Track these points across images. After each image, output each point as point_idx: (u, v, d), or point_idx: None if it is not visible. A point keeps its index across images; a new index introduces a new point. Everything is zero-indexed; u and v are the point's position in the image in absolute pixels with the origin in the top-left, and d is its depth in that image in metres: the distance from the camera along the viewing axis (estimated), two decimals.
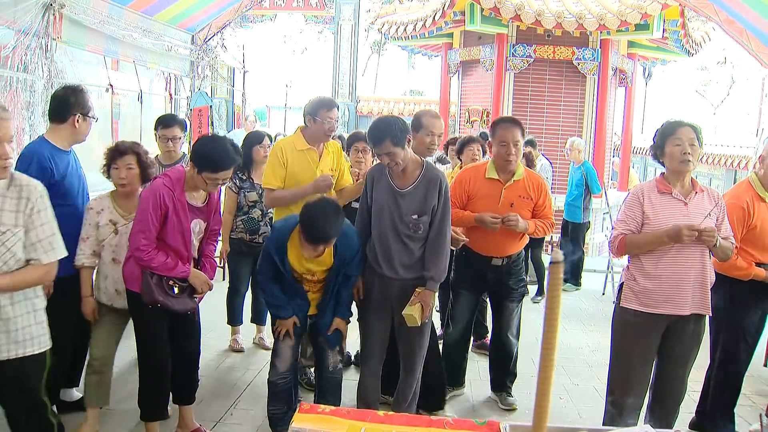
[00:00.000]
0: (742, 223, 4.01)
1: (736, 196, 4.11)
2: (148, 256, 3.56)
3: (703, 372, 5.85)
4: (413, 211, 3.81)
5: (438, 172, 3.90)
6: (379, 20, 12.37)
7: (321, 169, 4.49)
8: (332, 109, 4.47)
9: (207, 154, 3.55)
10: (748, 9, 7.89)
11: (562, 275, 0.93)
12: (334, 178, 4.58)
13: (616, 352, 3.84)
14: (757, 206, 4.04)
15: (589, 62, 10.50)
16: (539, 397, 0.92)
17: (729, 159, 14.03)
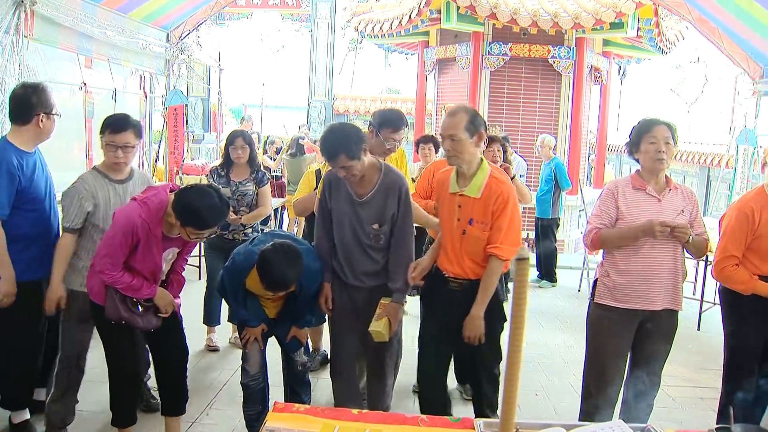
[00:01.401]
0: (745, 231, 3.73)
1: (743, 201, 3.84)
2: (112, 279, 3.43)
3: (677, 367, 5.96)
4: (373, 220, 3.69)
5: (396, 177, 3.76)
6: (356, 18, 12.37)
7: None
8: (398, 131, 4.27)
9: (194, 211, 3.32)
10: (720, 8, 7.98)
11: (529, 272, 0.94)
12: None
13: (590, 348, 3.86)
14: (765, 214, 3.71)
15: (564, 60, 10.57)
16: (507, 393, 0.93)
17: (703, 156, 14.19)
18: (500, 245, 3.46)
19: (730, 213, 3.83)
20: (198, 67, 15.61)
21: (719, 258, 3.81)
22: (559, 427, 2.33)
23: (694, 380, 5.83)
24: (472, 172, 3.52)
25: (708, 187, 14.59)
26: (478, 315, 3.51)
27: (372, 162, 3.68)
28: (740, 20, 7.97)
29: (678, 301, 3.75)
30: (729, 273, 3.76)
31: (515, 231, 3.54)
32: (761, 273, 3.73)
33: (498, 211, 3.46)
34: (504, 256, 3.47)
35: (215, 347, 5.74)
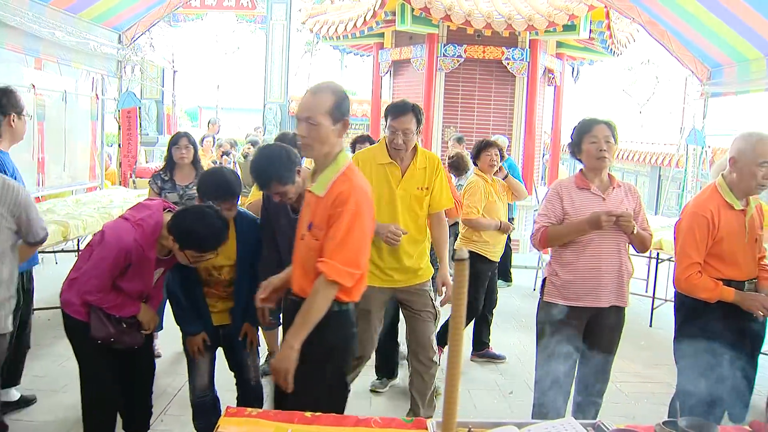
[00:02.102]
0: (705, 235, 3.59)
1: (699, 204, 3.70)
2: (97, 301, 3.32)
3: (629, 363, 6.06)
4: None
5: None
6: (311, 20, 12.33)
7: (404, 188, 4.06)
8: (398, 117, 3.93)
9: (194, 233, 3.23)
10: (668, 12, 8.14)
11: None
12: (425, 195, 4.14)
13: (541, 346, 3.90)
14: (724, 214, 3.60)
15: (518, 62, 10.67)
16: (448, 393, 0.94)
17: (654, 156, 14.45)
18: (328, 261, 2.73)
19: (688, 219, 3.69)
20: (151, 68, 15.46)
21: (683, 267, 3.66)
22: (512, 425, 2.35)
23: (645, 376, 5.93)
24: (326, 165, 2.91)
25: (659, 186, 14.87)
26: (289, 345, 2.74)
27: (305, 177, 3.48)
28: (688, 23, 8.14)
29: (624, 298, 3.81)
30: (695, 282, 3.61)
31: (353, 247, 2.78)
32: (724, 277, 3.62)
33: (334, 217, 2.77)
34: (330, 275, 2.72)
35: (157, 354, 5.57)
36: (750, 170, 3.53)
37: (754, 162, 3.50)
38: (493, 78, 10.85)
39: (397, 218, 4.04)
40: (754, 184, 3.56)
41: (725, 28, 7.62)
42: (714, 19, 7.53)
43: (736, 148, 3.60)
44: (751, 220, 3.67)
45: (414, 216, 4.12)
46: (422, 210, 4.15)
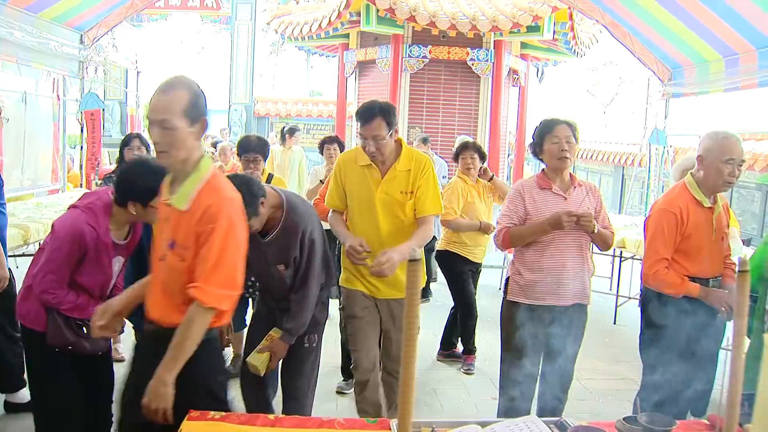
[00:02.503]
0: (674, 232, 3.64)
1: (669, 201, 3.74)
2: (56, 300, 3.17)
3: (594, 360, 6.13)
4: (278, 261, 3.52)
5: (299, 219, 3.47)
6: (276, 20, 12.27)
7: (385, 192, 3.75)
8: (366, 125, 3.64)
9: (145, 182, 3.05)
10: (630, 13, 8.24)
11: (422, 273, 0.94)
12: (409, 199, 3.77)
13: (505, 345, 3.93)
14: (693, 211, 3.66)
15: (483, 63, 10.72)
16: (403, 394, 0.94)
17: (617, 156, 14.62)
18: (203, 286, 2.46)
19: (657, 215, 3.73)
20: (114, 69, 15.27)
21: (651, 262, 3.70)
22: (475, 424, 2.36)
23: (610, 372, 6.00)
24: (186, 174, 2.56)
25: (623, 186, 15.05)
26: (162, 381, 2.46)
27: (273, 203, 3.44)
28: (649, 25, 8.25)
29: (587, 296, 3.86)
30: (662, 277, 3.66)
31: (229, 267, 2.52)
32: (689, 273, 3.67)
33: (204, 235, 2.48)
34: (208, 302, 2.47)
35: (121, 358, 5.48)
36: (717, 167, 3.57)
37: (720, 159, 3.55)
38: (458, 78, 10.90)
39: (378, 223, 3.75)
40: (721, 181, 3.60)
41: (685, 30, 7.73)
42: (674, 21, 7.64)
43: (703, 146, 3.65)
44: (719, 217, 3.71)
45: (396, 222, 3.76)
46: (407, 215, 3.76)
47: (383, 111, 3.62)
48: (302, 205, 3.61)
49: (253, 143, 5.04)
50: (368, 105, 3.67)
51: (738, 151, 3.58)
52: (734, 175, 3.60)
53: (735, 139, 3.59)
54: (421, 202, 3.77)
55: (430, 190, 3.79)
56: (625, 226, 8.05)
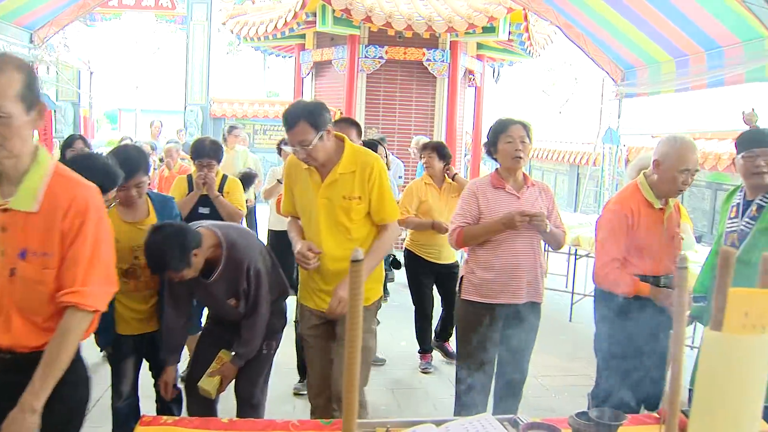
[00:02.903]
0: (625, 232, 3.62)
1: (620, 202, 3.72)
2: None
3: (550, 357, 6.19)
4: (228, 296, 3.47)
5: (239, 255, 3.37)
6: (231, 21, 12.18)
7: (326, 196, 3.37)
8: (289, 131, 3.26)
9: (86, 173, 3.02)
10: (584, 15, 8.36)
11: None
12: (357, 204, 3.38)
13: (460, 343, 3.96)
14: (644, 213, 3.64)
15: (439, 63, 10.77)
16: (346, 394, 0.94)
17: (572, 155, 14.79)
18: (81, 288, 2.17)
19: (608, 216, 3.72)
20: (67, 70, 15.01)
21: (602, 262, 3.68)
22: (430, 423, 2.37)
23: (566, 369, 6.07)
24: (23, 170, 2.16)
25: (578, 185, 15.23)
26: (31, 408, 2.08)
27: (211, 243, 3.34)
28: (602, 26, 8.38)
29: (540, 294, 3.89)
30: (613, 278, 3.62)
31: (105, 262, 2.27)
32: (640, 272, 3.66)
33: (72, 232, 2.18)
34: (89, 304, 2.18)
35: None
36: (671, 175, 3.55)
37: (675, 167, 3.52)
38: (414, 79, 10.94)
39: (320, 232, 3.39)
40: (674, 188, 3.60)
41: (636, 32, 7.88)
42: (626, 23, 7.78)
43: (661, 151, 3.60)
44: (670, 218, 3.72)
45: (342, 230, 3.38)
46: (354, 222, 3.37)
47: (307, 113, 3.21)
48: (241, 238, 3.49)
49: (207, 148, 4.98)
50: (291, 108, 3.29)
51: (694, 161, 3.56)
52: (687, 184, 3.60)
53: (692, 147, 3.57)
54: (377, 209, 3.40)
55: (385, 193, 3.40)
56: (580, 225, 8.16)
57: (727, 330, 1.03)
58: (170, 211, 3.76)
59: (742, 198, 3.65)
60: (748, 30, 6.47)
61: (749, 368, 1.08)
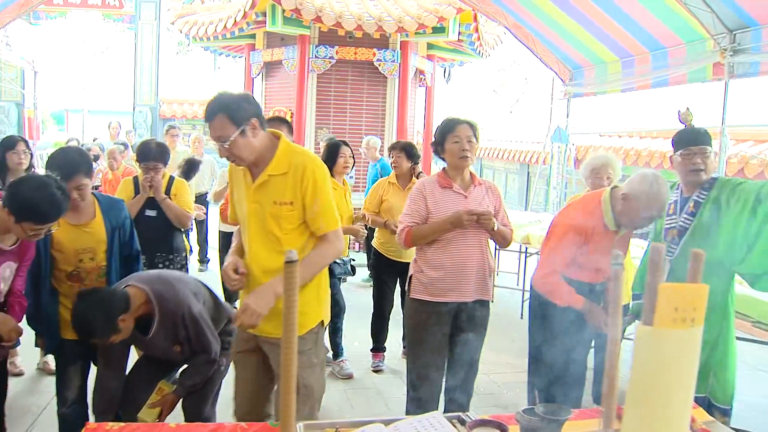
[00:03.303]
0: (573, 244, 3.64)
1: (578, 218, 3.71)
2: None
3: (502, 355, 6.25)
4: (172, 344, 3.44)
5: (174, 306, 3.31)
6: (180, 20, 12.04)
7: (257, 201, 2.97)
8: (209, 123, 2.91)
9: (30, 203, 2.92)
10: (532, 16, 8.47)
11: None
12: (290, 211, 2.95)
13: (410, 342, 3.97)
14: (597, 232, 3.65)
15: (389, 63, 10.80)
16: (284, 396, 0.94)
17: (523, 154, 14.96)
18: None
19: (564, 228, 3.71)
20: (10, 69, 14.67)
21: (544, 272, 3.73)
22: (379, 423, 2.38)
23: (517, 366, 6.11)
24: None
25: (528, 183, 15.40)
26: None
27: (140, 301, 3.25)
28: (550, 27, 8.50)
29: (488, 292, 3.91)
30: (551, 288, 3.67)
31: None
32: (579, 279, 3.70)
33: None
34: None
35: (19, 372, 5.29)
36: (635, 215, 3.53)
37: (641, 212, 3.50)
38: (365, 79, 10.96)
39: (250, 242, 3.03)
40: (632, 226, 3.65)
41: (584, 32, 8.01)
42: (573, 23, 7.90)
43: (633, 189, 3.52)
44: (622, 238, 3.78)
45: (272, 240, 2.96)
46: (285, 231, 2.95)
47: (224, 106, 2.86)
48: (169, 290, 3.36)
49: (153, 151, 4.95)
50: (210, 100, 2.93)
51: (660, 207, 3.51)
52: (646, 227, 3.69)
53: (664, 193, 3.48)
54: (311, 216, 2.96)
55: (320, 198, 2.95)
56: (530, 223, 8.26)
57: (659, 324, 1.06)
58: (118, 214, 3.71)
59: (680, 195, 3.73)
60: (690, 32, 6.64)
61: (680, 360, 1.11)
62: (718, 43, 6.23)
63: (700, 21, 6.19)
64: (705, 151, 3.61)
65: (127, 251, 3.75)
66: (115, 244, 3.61)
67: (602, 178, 4.91)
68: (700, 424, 2.43)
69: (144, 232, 4.45)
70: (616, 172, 4.97)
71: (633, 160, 10.72)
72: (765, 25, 5.81)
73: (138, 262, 3.87)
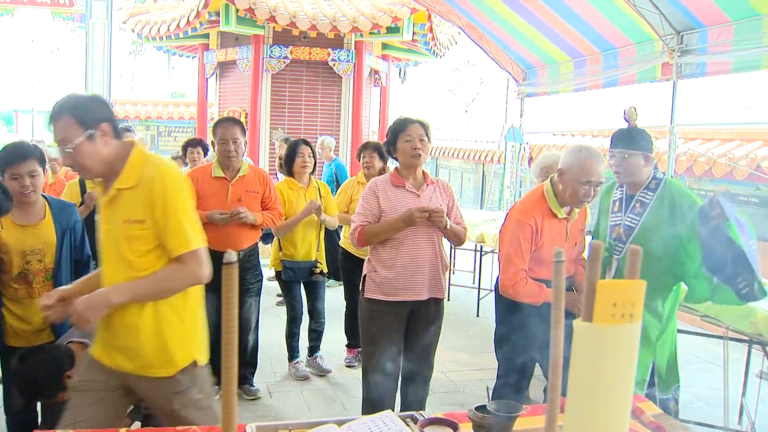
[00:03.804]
0: (529, 243, 3.62)
1: (524, 211, 3.69)
2: None
3: (458, 353, 6.30)
4: None
5: None
6: (132, 19, 11.91)
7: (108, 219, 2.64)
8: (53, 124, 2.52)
9: None
10: (485, 16, 8.52)
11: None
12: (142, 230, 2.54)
13: (365, 342, 3.96)
14: (548, 223, 3.65)
15: (344, 63, 10.80)
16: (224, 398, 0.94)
17: (478, 153, 15.07)
18: None
19: (513, 226, 3.69)
20: None
21: (509, 274, 3.65)
22: (332, 423, 2.37)
23: (473, 363, 6.17)
24: None
25: (483, 182, 15.53)
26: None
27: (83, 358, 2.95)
28: (503, 28, 8.56)
29: (442, 290, 3.93)
30: (521, 289, 3.62)
31: None
32: (541, 278, 3.66)
33: None
34: None
35: None
36: (574, 186, 3.55)
37: (578, 179, 3.52)
38: (319, 79, 10.94)
39: (102, 265, 2.68)
40: (576, 200, 3.61)
41: (536, 32, 8.08)
42: (525, 24, 7.97)
43: (565, 162, 3.59)
44: (573, 226, 3.77)
45: (124, 264, 2.57)
46: (138, 254, 2.55)
47: (73, 106, 2.51)
48: None
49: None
50: (58, 101, 2.55)
51: (597, 173, 3.53)
52: (589, 196, 3.58)
53: (597, 160, 3.54)
54: (163, 235, 2.54)
55: (171, 216, 2.52)
56: (485, 221, 8.32)
57: (597, 320, 1.08)
58: (69, 216, 3.64)
59: (624, 193, 3.79)
60: (639, 33, 6.74)
61: (619, 356, 1.13)
62: (666, 44, 6.33)
63: (649, 22, 6.28)
64: (622, 154, 3.65)
65: (78, 256, 3.69)
66: (65, 247, 3.55)
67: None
68: (649, 417, 2.46)
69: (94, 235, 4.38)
70: None
71: None
72: (711, 27, 5.93)
73: (89, 268, 3.81)
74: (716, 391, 4.99)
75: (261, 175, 5.02)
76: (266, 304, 7.42)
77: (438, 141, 17.70)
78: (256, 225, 4.86)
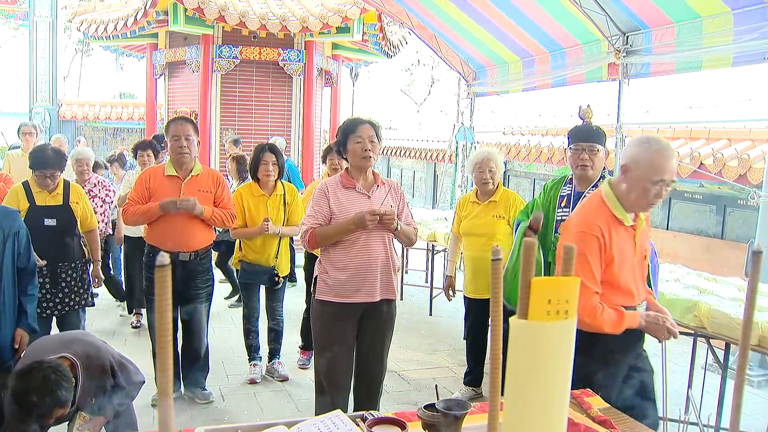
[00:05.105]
0: (599, 258, 2.89)
1: (586, 222, 2.93)
2: None
3: (412, 352, 6.32)
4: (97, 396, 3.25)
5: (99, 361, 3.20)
6: (77, 18, 11.67)
7: None
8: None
9: None
10: (435, 17, 8.58)
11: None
12: None
13: (318, 344, 3.95)
14: (614, 232, 2.92)
15: (294, 63, 10.76)
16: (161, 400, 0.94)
17: (430, 153, 15.17)
18: None
19: (576, 240, 2.87)
20: None
21: (584, 300, 2.80)
22: (282, 425, 2.37)
23: (427, 362, 6.21)
24: None
25: (435, 181, 15.62)
26: None
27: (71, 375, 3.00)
28: (452, 28, 8.64)
29: (393, 291, 3.95)
30: (600, 319, 2.86)
31: None
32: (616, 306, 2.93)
33: None
34: None
35: None
36: (643, 186, 2.87)
37: (649, 178, 2.84)
38: (269, 79, 10.88)
39: None
40: (645, 202, 2.93)
41: (485, 32, 8.17)
42: (474, 24, 8.06)
43: (632, 156, 2.90)
44: (642, 235, 3.08)
45: None
46: None
47: None
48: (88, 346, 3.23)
49: (50, 159, 4.62)
50: None
51: (671, 170, 2.86)
52: (661, 197, 2.91)
53: (668, 153, 2.87)
54: None
55: None
56: (436, 220, 8.38)
57: (532, 317, 1.10)
58: (11, 223, 3.58)
59: (573, 189, 3.86)
60: (586, 33, 6.87)
61: (555, 352, 1.15)
62: (612, 44, 6.46)
63: (595, 23, 6.40)
64: (593, 149, 3.75)
65: (23, 263, 3.63)
66: (7, 254, 3.49)
67: (485, 171, 5.09)
68: (596, 411, 2.50)
69: (45, 242, 4.32)
70: (499, 166, 5.15)
71: (535, 156, 11.01)
72: (655, 28, 6.07)
73: (34, 276, 3.74)
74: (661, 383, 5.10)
75: (214, 176, 5.01)
76: (219, 307, 7.38)
77: (390, 140, 17.77)
78: (208, 223, 4.84)
